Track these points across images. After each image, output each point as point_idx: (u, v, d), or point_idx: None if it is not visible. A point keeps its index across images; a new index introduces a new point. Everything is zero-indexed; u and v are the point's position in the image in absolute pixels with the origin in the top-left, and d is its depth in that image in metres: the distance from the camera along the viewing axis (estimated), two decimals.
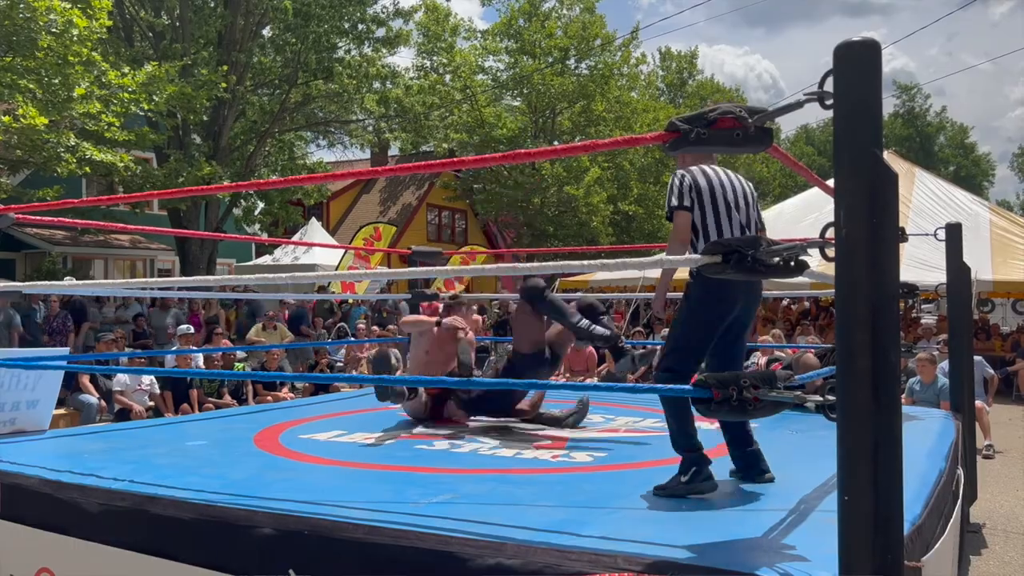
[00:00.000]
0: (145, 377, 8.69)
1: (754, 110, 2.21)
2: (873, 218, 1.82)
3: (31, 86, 11.04)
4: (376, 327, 12.96)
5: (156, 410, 8.51)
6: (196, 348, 9.75)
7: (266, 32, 18.48)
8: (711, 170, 3.07)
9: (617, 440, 4.31)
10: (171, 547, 2.69)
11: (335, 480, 3.36)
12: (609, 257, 19.02)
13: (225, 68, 15.27)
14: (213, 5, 17.22)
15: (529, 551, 2.21)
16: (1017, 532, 5.60)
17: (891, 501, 1.79)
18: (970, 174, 55.67)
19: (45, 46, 11.02)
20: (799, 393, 2.14)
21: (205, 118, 16.13)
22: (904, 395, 7.72)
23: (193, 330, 10.43)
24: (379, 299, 14.79)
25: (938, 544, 2.73)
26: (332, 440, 4.25)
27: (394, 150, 27.68)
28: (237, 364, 9.57)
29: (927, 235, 5.56)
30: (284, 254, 17.62)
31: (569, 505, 2.88)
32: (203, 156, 15.79)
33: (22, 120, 10.73)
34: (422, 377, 4.76)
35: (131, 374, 8.59)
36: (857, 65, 1.89)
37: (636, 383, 7.72)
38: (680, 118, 2.24)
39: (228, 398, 8.99)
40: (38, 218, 5.72)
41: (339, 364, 11.57)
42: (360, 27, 18.80)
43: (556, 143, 26.38)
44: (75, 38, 11.21)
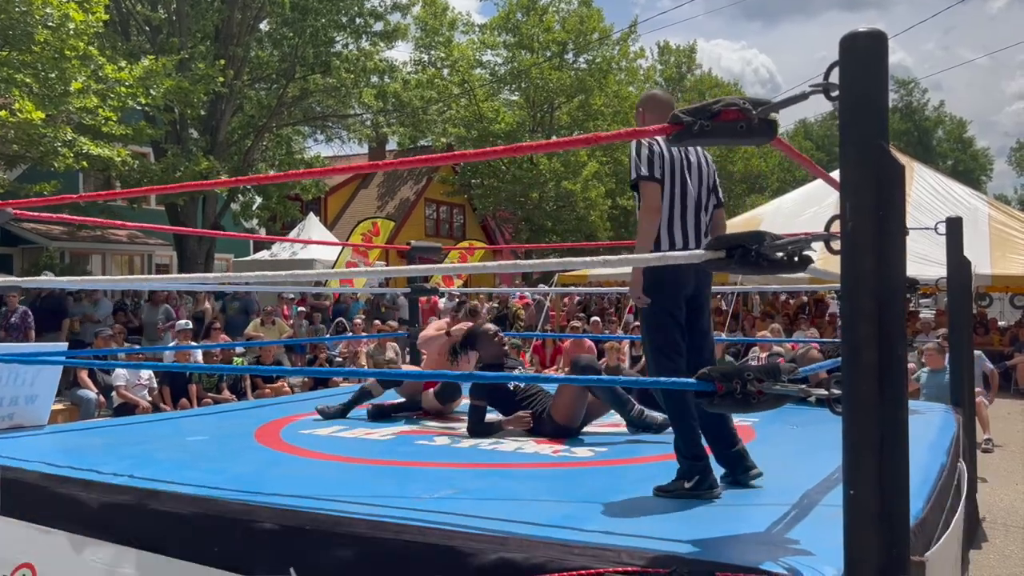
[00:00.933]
0: (143, 372, 8.66)
1: (758, 102, 2.19)
2: (879, 211, 1.81)
3: (27, 80, 10.99)
4: (377, 321, 12.93)
5: (154, 405, 8.49)
6: (195, 344, 9.73)
7: (263, 26, 18.41)
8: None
9: (618, 435, 4.31)
10: (171, 543, 2.68)
11: (336, 475, 3.35)
12: (607, 252, 18.99)
13: (222, 62, 15.21)
14: None
15: (532, 545, 2.21)
16: (1017, 526, 5.60)
17: (897, 495, 1.78)
18: (968, 168, 55.69)
19: (41, 40, 10.96)
20: (803, 386, 2.12)
21: (202, 112, 16.06)
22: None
23: (191, 325, 10.40)
24: (377, 293, 14.78)
25: (942, 539, 2.73)
26: (333, 435, 4.24)
27: (392, 145, 27.61)
28: (236, 359, 9.55)
29: (927, 229, 5.56)
30: (282, 249, 17.58)
31: (571, 500, 2.87)
32: (200, 151, 15.74)
33: (18, 115, 10.67)
34: (417, 370, 4.75)
35: (129, 368, 8.56)
36: (863, 56, 1.88)
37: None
38: (683, 110, 2.22)
39: (227, 393, 8.97)
40: (35, 214, 5.68)
41: (338, 359, 11.56)
42: (358, 21, 18.74)
43: (554, 137, 26.35)
44: (71, 32, 11.16)
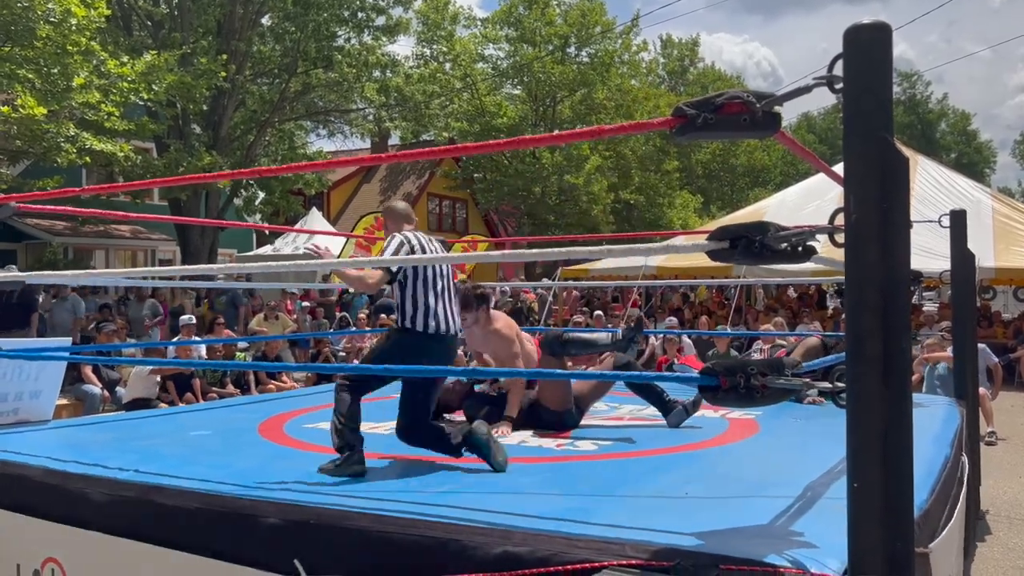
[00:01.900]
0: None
1: (761, 95, 2.18)
2: (884, 203, 1.80)
3: (30, 76, 11.00)
4: (383, 315, 12.93)
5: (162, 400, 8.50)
6: (199, 339, 9.74)
7: (265, 21, 18.38)
8: (423, 237, 3.47)
9: (622, 428, 4.31)
10: (177, 537, 2.69)
11: None
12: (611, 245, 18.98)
13: (224, 57, 15.20)
14: None
15: (536, 539, 2.21)
16: (1021, 518, 5.60)
17: (901, 488, 1.78)
18: (972, 161, 55.50)
19: (44, 36, 10.96)
20: (807, 380, 2.12)
21: (205, 107, 16.07)
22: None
23: (195, 320, 10.40)
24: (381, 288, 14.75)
25: (945, 530, 2.73)
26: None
27: (394, 139, 27.60)
28: (239, 354, 9.57)
29: (931, 222, 5.54)
30: (285, 244, 17.59)
31: (575, 493, 2.87)
32: (203, 146, 15.75)
33: (21, 110, 10.68)
34: (415, 367, 4.71)
35: (127, 365, 8.57)
36: (867, 48, 1.87)
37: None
38: (687, 103, 2.21)
39: (231, 387, 8.99)
40: (39, 207, 5.69)
41: (341, 354, 11.58)
42: (360, 15, 18.71)
43: (557, 132, 26.29)
44: (73, 27, 11.16)
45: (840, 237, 1.92)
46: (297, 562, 2.39)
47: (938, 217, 5.40)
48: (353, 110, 21.27)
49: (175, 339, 9.98)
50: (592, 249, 3.90)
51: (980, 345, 7.77)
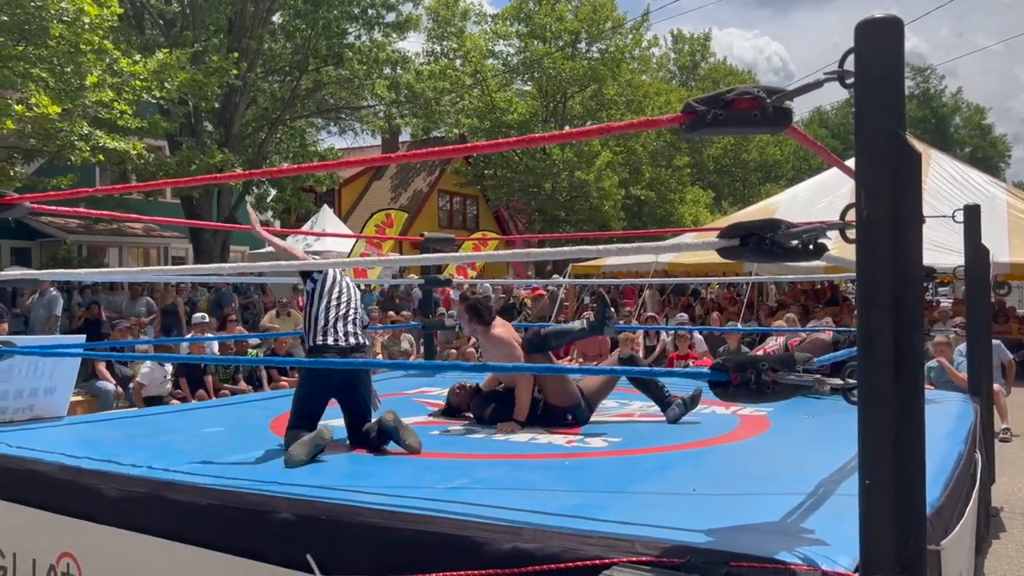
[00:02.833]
0: (167, 365, 8.71)
1: (772, 90, 2.17)
2: (895, 199, 1.79)
3: (43, 75, 11.06)
4: (391, 312, 12.96)
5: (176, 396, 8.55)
6: (212, 336, 9.79)
7: (276, 18, 18.42)
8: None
9: (632, 424, 4.30)
10: (190, 532, 2.71)
11: (351, 465, 3.37)
12: (622, 242, 18.94)
13: (236, 55, 15.24)
14: None
15: (546, 535, 2.21)
16: None
17: (914, 485, 1.77)
18: (986, 156, 54.99)
19: (57, 35, 11.02)
20: (819, 376, 2.11)
21: (216, 105, 16.12)
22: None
23: (208, 319, 10.45)
24: (391, 284, 14.82)
25: (957, 528, 2.71)
26: (343, 425, 4.25)
27: (405, 136, 27.63)
28: (251, 351, 9.62)
29: (945, 217, 5.50)
30: (296, 242, 17.66)
31: (585, 490, 2.87)
32: (215, 144, 15.80)
33: (35, 109, 10.75)
34: (430, 362, 4.74)
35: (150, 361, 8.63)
36: (879, 42, 1.85)
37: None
38: (697, 99, 2.20)
39: (243, 384, 9.04)
40: (53, 207, 5.73)
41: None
42: (370, 12, 18.71)
43: (567, 128, 26.27)
44: (86, 26, 11.21)
45: (852, 233, 1.91)
46: (310, 557, 2.41)
47: (952, 212, 5.37)
48: (364, 107, 21.29)
49: (189, 336, 10.05)
50: (601, 248, 3.90)
51: (995, 341, 7.72)
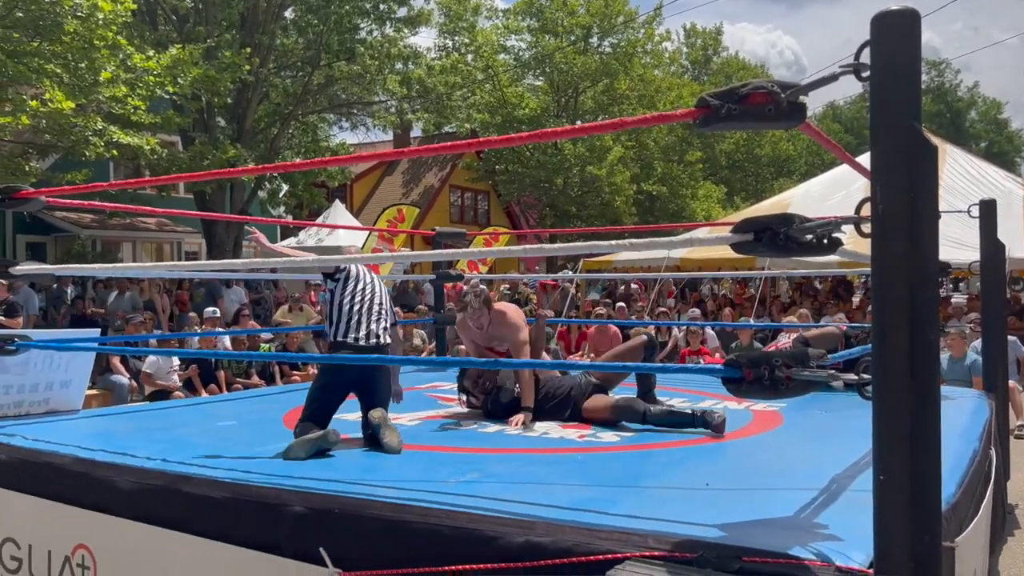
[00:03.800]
0: (175, 358, 8.77)
1: (786, 85, 2.16)
2: (911, 193, 1.78)
3: (58, 70, 11.13)
4: (399, 308, 12.99)
5: (190, 388, 8.58)
6: (224, 330, 9.85)
7: (288, 14, 18.46)
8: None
9: None
10: (204, 524, 2.73)
11: (363, 459, 3.39)
12: (633, 237, 18.85)
13: (248, 50, 15.29)
14: None
15: (559, 529, 2.21)
16: None
17: (929, 481, 1.76)
18: (1003, 150, 54.52)
19: (71, 30, 11.09)
20: (832, 372, 2.10)
21: (229, 101, 16.17)
22: None
23: (219, 313, 10.50)
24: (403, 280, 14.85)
25: (972, 525, 2.69)
26: (360, 420, 4.26)
27: (416, 131, 27.63)
28: (263, 346, 9.66)
29: (960, 212, 5.45)
30: (308, 236, 17.71)
31: (597, 484, 2.87)
32: (228, 139, 15.87)
33: (50, 104, 10.82)
34: (439, 358, 4.74)
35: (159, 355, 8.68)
36: (895, 35, 1.84)
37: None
38: (711, 93, 2.19)
39: (256, 378, 9.09)
40: (68, 201, 5.77)
41: None
42: (381, 7, 18.71)
43: (579, 123, 26.21)
44: (100, 22, 11.27)
45: (867, 227, 1.90)
46: (323, 550, 2.42)
47: (967, 207, 5.32)
48: (375, 102, 21.31)
49: (200, 330, 10.10)
50: (612, 243, 3.89)
51: (1010, 337, 7.65)
